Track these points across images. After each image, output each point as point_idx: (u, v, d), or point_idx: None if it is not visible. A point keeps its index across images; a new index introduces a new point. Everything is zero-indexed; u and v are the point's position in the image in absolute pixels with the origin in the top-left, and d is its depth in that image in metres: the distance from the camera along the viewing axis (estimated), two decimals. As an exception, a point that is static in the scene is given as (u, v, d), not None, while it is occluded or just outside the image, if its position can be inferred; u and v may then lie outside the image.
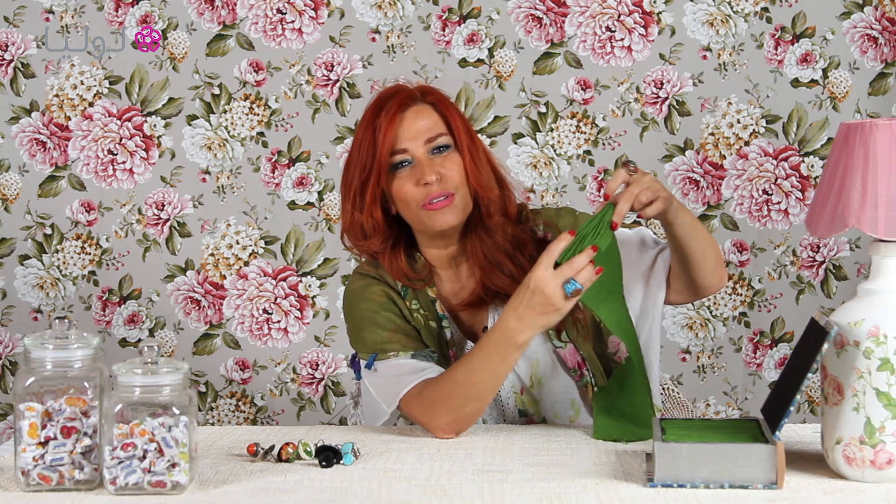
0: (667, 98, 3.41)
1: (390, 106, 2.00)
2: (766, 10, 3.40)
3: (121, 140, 3.41)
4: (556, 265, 1.79)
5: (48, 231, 3.42)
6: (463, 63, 3.39)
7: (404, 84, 2.07)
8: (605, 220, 1.82)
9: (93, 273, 3.43)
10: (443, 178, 1.98)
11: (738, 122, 3.41)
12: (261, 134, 3.41)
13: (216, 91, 3.40)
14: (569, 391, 2.07)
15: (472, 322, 2.09)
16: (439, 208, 1.98)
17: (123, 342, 3.44)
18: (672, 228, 1.91)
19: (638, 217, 1.84)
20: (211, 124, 3.41)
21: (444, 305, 2.08)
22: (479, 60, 3.41)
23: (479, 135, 2.24)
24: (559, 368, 2.06)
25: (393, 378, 1.98)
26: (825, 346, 1.57)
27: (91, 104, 3.40)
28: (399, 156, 1.99)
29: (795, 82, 3.42)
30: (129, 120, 3.40)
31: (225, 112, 3.41)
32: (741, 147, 3.42)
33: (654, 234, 2.14)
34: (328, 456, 1.72)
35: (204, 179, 3.42)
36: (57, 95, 3.40)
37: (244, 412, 3.47)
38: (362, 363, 2.04)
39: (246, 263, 3.44)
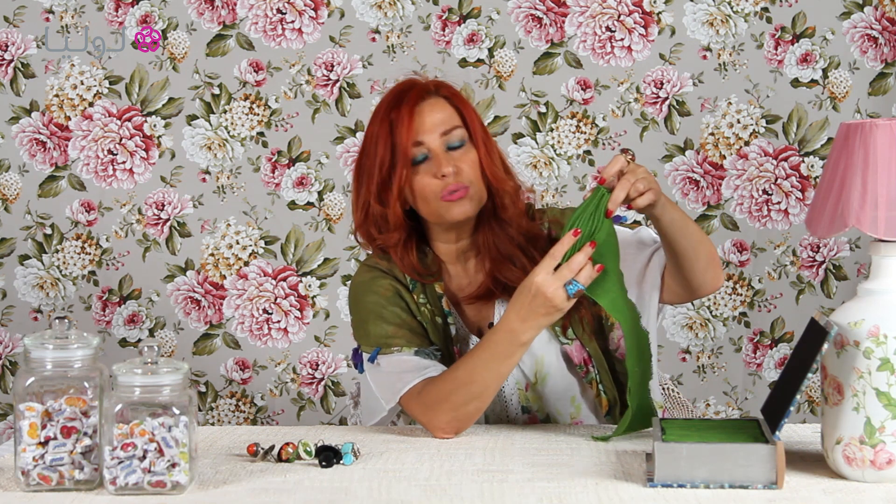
0: (667, 98, 3.41)
1: (408, 99, 2.00)
2: (766, 10, 3.40)
3: (121, 140, 3.40)
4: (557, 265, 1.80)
5: (48, 231, 3.42)
6: (463, 63, 3.39)
7: (416, 78, 2.07)
8: (601, 209, 1.82)
9: (93, 273, 3.43)
10: (459, 171, 1.99)
11: (738, 122, 3.41)
12: (261, 134, 3.41)
13: (216, 91, 3.40)
14: (571, 388, 2.07)
15: (477, 318, 2.10)
16: (455, 199, 1.99)
17: (123, 342, 3.43)
18: (660, 224, 1.91)
19: (628, 208, 1.84)
20: (211, 124, 3.41)
21: (450, 301, 2.08)
22: (479, 60, 3.41)
23: None
24: (563, 366, 2.07)
25: (395, 375, 1.98)
26: (825, 346, 1.57)
27: (91, 104, 3.40)
28: (416, 149, 2.00)
29: (795, 82, 3.42)
30: (129, 120, 3.40)
31: (225, 112, 3.41)
32: (741, 147, 3.42)
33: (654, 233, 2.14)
34: (328, 456, 1.72)
35: (204, 179, 3.42)
36: (57, 95, 3.40)
37: (244, 412, 3.47)
38: (365, 356, 2.04)
39: (246, 263, 3.43)
